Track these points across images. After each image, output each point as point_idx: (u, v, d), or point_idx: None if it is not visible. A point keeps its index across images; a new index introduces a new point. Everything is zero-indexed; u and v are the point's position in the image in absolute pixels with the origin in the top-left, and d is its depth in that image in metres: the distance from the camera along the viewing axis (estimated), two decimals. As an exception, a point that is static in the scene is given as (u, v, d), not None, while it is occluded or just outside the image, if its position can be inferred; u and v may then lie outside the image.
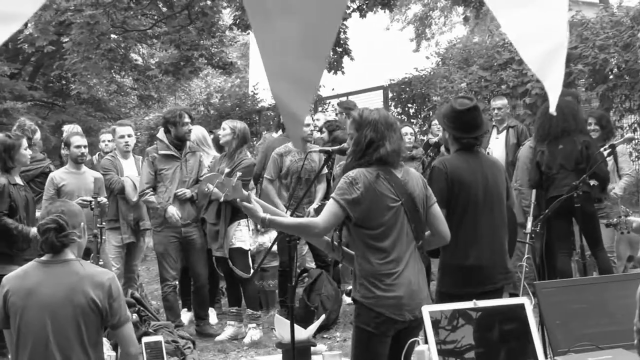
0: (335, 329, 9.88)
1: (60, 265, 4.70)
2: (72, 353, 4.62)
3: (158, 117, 23.22)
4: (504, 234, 6.12)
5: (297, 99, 1.90)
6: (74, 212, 4.83)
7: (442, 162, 6.16)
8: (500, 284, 6.03)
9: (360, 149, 5.20)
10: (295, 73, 1.87)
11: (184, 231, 9.72)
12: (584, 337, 4.10)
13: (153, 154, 9.77)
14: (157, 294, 11.88)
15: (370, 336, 5.10)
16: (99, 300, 4.62)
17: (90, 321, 4.63)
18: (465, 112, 6.01)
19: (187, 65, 20.51)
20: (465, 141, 6.05)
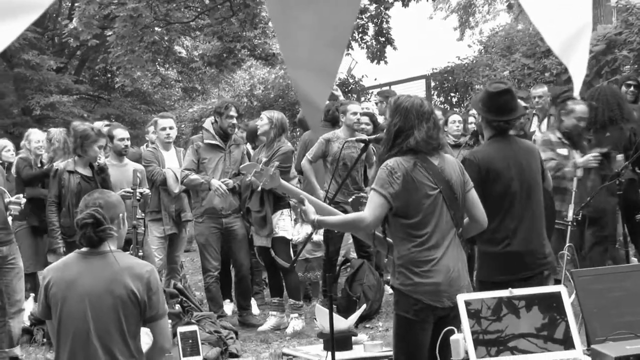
0: (377, 319, 9.87)
1: (100, 257, 4.73)
2: (112, 343, 4.65)
3: (202, 109, 23.33)
4: (541, 220, 6.08)
5: (315, 87, 1.89)
6: (112, 203, 4.86)
7: (473, 153, 6.15)
8: (538, 270, 6.00)
9: (389, 137, 5.20)
10: (314, 61, 1.87)
11: (225, 222, 9.76)
12: (621, 325, 4.06)
13: (198, 143, 9.83)
14: (201, 285, 11.93)
15: (410, 323, 5.09)
16: (138, 292, 4.65)
17: (130, 312, 4.66)
18: (498, 94, 5.99)
19: (229, 57, 20.57)
20: (496, 124, 6.03)
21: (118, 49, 18.67)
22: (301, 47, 1.85)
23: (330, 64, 1.90)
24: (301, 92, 1.89)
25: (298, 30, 1.85)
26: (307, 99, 1.89)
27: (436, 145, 5.19)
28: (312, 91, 1.89)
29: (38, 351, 8.87)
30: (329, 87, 1.93)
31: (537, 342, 4.01)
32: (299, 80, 1.89)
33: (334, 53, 1.89)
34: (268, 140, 9.62)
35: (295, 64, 1.88)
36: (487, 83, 6.27)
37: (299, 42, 1.86)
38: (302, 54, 1.86)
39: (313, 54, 1.86)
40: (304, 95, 1.89)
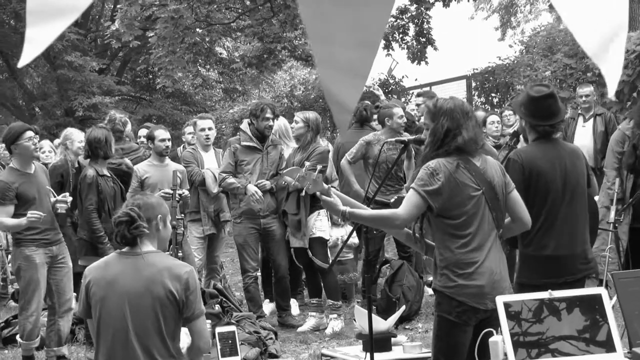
0: (417, 320, 9.85)
1: (140, 257, 4.76)
2: (150, 343, 4.68)
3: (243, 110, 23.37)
4: (584, 223, 6.02)
5: (345, 88, 1.87)
6: (151, 204, 4.88)
7: (517, 153, 6.10)
8: (580, 274, 5.93)
9: (438, 138, 5.16)
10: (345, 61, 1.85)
11: (263, 222, 9.79)
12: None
13: (235, 145, 9.87)
14: (241, 285, 11.97)
15: (452, 325, 5.07)
16: (177, 292, 4.67)
17: (169, 312, 4.69)
18: (541, 99, 5.93)
19: (270, 58, 20.63)
20: (541, 129, 5.97)
21: (159, 50, 18.78)
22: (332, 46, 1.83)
23: (362, 65, 1.87)
24: (330, 93, 1.87)
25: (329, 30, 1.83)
26: (337, 100, 1.87)
27: (480, 146, 5.18)
28: (342, 93, 1.87)
29: (80, 350, 8.93)
30: (359, 89, 1.91)
31: (578, 344, 3.97)
32: (329, 81, 1.87)
33: (366, 54, 1.87)
34: (304, 142, 9.63)
35: (325, 63, 1.86)
36: (529, 86, 6.21)
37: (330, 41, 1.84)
38: (333, 54, 1.84)
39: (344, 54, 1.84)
40: (333, 96, 1.87)
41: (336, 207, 5.25)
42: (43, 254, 8.20)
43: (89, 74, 23.99)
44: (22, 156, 8.20)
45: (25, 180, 8.16)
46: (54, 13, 1.75)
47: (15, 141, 8.15)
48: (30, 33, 1.77)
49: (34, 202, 8.08)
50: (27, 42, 1.77)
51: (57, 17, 1.76)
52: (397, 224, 5.15)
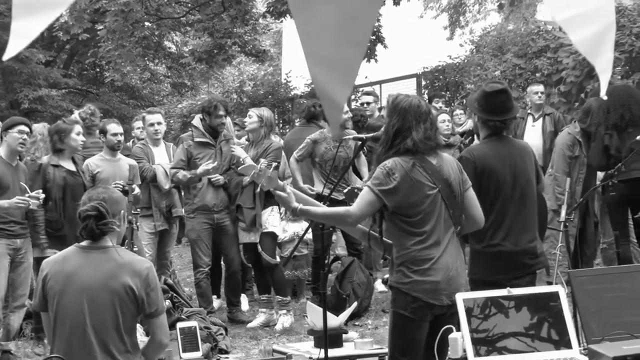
0: (366, 317, 9.91)
1: (100, 252, 4.73)
2: (108, 338, 4.65)
3: (191, 105, 23.29)
4: (534, 220, 6.11)
5: (336, 85, 1.89)
6: (115, 199, 4.86)
7: (469, 151, 6.18)
8: (530, 269, 6.03)
9: (389, 138, 5.21)
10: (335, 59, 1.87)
11: (216, 217, 9.77)
12: (618, 326, 4.08)
13: (188, 141, 9.83)
14: (190, 281, 11.94)
15: (407, 321, 5.12)
16: (137, 288, 4.65)
17: (127, 308, 4.66)
18: (494, 94, 6.01)
19: (220, 53, 20.53)
20: (492, 124, 6.05)
21: (108, 43, 18.61)
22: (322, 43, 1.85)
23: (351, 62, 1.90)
24: (321, 89, 1.89)
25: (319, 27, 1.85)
26: (327, 96, 1.89)
27: (434, 145, 5.21)
28: (332, 89, 1.89)
29: (27, 345, 8.85)
30: (349, 85, 1.93)
31: (535, 341, 4.03)
32: (319, 78, 1.89)
33: (355, 51, 1.89)
34: (257, 139, 9.62)
35: (315, 60, 1.88)
36: (484, 83, 6.28)
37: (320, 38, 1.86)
38: (323, 51, 1.86)
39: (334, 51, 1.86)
40: (324, 93, 1.89)
41: (289, 204, 5.27)
42: (5, 245, 8.19)
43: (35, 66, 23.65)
44: (9, 147, 8.35)
45: (5, 169, 8.26)
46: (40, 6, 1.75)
47: (8, 130, 8.32)
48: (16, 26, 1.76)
49: (7, 191, 8.13)
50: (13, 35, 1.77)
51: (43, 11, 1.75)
52: (349, 221, 5.20)
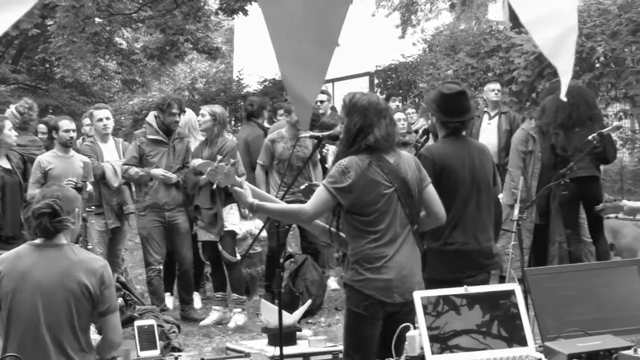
0: (319, 315, 9.92)
1: (54, 250, 4.68)
2: (62, 337, 4.61)
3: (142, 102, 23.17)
4: (490, 219, 6.15)
5: (305, 83, 1.90)
6: (69, 197, 4.81)
7: (428, 149, 6.19)
8: (485, 269, 6.07)
9: (351, 136, 5.21)
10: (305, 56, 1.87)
11: (168, 215, 9.72)
12: (573, 323, 4.12)
13: (141, 138, 9.77)
14: (141, 279, 11.87)
15: (360, 318, 5.14)
16: (92, 286, 4.61)
17: (82, 306, 4.62)
18: (453, 96, 6.03)
19: (172, 50, 20.46)
20: (451, 125, 6.07)
21: (59, 39, 18.44)
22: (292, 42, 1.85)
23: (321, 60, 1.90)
24: (291, 87, 1.90)
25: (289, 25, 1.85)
26: (297, 95, 1.90)
27: (393, 142, 5.23)
28: (302, 87, 1.89)
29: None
30: (319, 83, 1.94)
31: (492, 339, 4.05)
32: (289, 76, 1.90)
33: (325, 50, 1.90)
34: (211, 136, 9.58)
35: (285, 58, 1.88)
36: (441, 84, 6.31)
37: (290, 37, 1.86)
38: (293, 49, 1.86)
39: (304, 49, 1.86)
40: (293, 90, 1.90)
41: (245, 199, 5.26)
42: None
43: (-17, 62, 23.45)
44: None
45: None
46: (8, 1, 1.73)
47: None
48: None
49: None
50: None
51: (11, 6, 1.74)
52: (304, 218, 5.22)
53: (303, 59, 1.87)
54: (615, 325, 4.19)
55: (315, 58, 1.90)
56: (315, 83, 1.92)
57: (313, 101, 1.96)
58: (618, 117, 13.63)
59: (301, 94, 1.89)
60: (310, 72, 1.89)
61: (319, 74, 1.92)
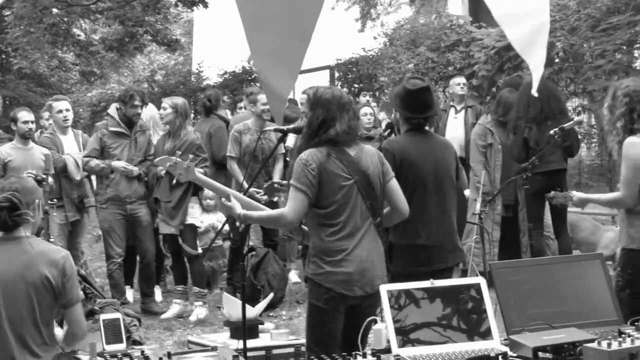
0: (281, 308, 9.92)
1: (14, 243, 4.62)
2: (24, 330, 4.56)
3: (101, 94, 23.01)
4: (453, 213, 6.16)
5: (279, 78, 1.90)
6: (29, 189, 4.75)
7: (389, 142, 6.18)
8: (449, 263, 6.09)
9: (312, 130, 5.21)
10: (279, 51, 1.88)
11: (129, 208, 9.66)
12: (537, 317, 4.16)
13: (103, 130, 9.70)
14: (100, 272, 11.80)
15: (321, 312, 5.15)
16: (53, 278, 4.56)
17: (44, 299, 4.58)
18: (417, 92, 6.02)
19: (131, 42, 20.32)
20: (415, 121, 6.07)
21: (16, 29, 18.26)
22: (267, 37, 1.85)
23: (295, 55, 1.90)
24: (265, 81, 1.90)
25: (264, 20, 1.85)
26: (271, 88, 1.90)
27: (355, 136, 5.23)
28: (276, 81, 1.89)
29: None
30: (293, 78, 1.94)
31: (457, 332, 4.08)
32: (264, 70, 1.90)
33: (299, 45, 1.90)
34: (173, 129, 9.53)
35: (259, 52, 1.88)
36: (405, 79, 6.31)
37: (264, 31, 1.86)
38: (267, 44, 1.86)
39: (278, 44, 1.86)
40: (268, 84, 1.90)
41: (234, 211, 5.33)
42: None
43: (-62, 52, 23.15)
44: None
45: None
46: None
47: None
48: None
49: None
50: None
51: None
52: (285, 222, 5.24)
53: (278, 53, 1.88)
54: (579, 318, 4.24)
55: (290, 52, 1.90)
56: (289, 77, 1.92)
57: (287, 95, 1.96)
58: (577, 112, 13.78)
59: (275, 88, 1.89)
60: (284, 67, 1.90)
61: (293, 68, 1.93)
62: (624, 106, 5.82)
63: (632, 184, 5.77)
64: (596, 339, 3.75)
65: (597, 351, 3.57)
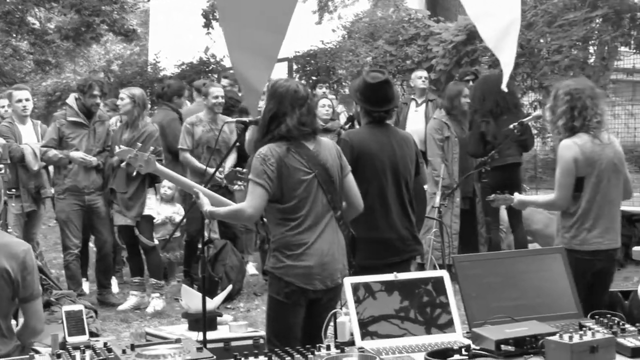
0: (238, 300, 9.93)
1: None
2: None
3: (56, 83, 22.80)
4: (411, 207, 6.19)
5: (255, 71, 1.90)
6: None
7: (348, 134, 6.21)
8: (407, 255, 6.14)
9: (264, 123, 5.20)
10: (255, 44, 1.88)
11: (87, 199, 9.60)
12: (499, 310, 4.19)
13: (61, 120, 9.62)
14: (55, 263, 11.74)
15: (282, 305, 5.15)
16: (12, 270, 4.51)
17: (2, 292, 4.52)
18: (377, 85, 6.03)
19: (88, 31, 20.14)
20: (375, 114, 6.09)
21: (-30, 18, 18.06)
22: (243, 30, 1.85)
23: (271, 48, 1.91)
24: (240, 74, 1.89)
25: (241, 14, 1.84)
26: (246, 81, 1.89)
27: (309, 131, 5.21)
28: (251, 74, 1.89)
29: None
30: (268, 70, 1.94)
31: (421, 325, 4.10)
32: (239, 63, 1.90)
33: (275, 38, 1.90)
34: (131, 119, 9.47)
35: (236, 45, 1.88)
36: (365, 72, 6.32)
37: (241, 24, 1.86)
38: (244, 37, 1.86)
39: (254, 37, 1.86)
40: (243, 77, 1.90)
41: (202, 208, 5.39)
42: None
43: None
44: None
45: None
46: None
47: None
48: None
49: None
50: None
51: None
52: (245, 217, 5.22)
53: (254, 46, 1.88)
54: (540, 311, 4.28)
55: (266, 45, 1.90)
56: (265, 70, 1.92)
57: (262, 88, 1.96)
58: (533, 106, 13.88)
59: (251, 81, 1.90)
60: (260, 60, 1.90)
61: (269, 61, 1.93)
62: (565, 104, 5.93)
63: (564, 187, 5.93)
64: (558, 332, 3.79)
65: (559, 344, 3.60)
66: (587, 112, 5.88)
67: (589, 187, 5.92)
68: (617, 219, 6.12)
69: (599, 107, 5.94)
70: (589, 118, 5.89)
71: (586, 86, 6.00)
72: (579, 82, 6.06)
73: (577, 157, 5.87)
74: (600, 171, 5.92)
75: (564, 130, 5.95)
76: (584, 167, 5.89)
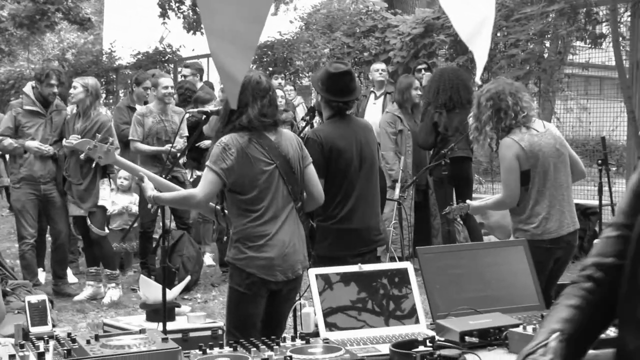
0: (196, 291, 9.91)
1: None
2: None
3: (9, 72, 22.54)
4: (377, 197, 6.24)
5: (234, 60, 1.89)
6: None
7: (315, 132, 6.20)
8: (373, 245, 6.17)
9: (225, 113, 5.20)
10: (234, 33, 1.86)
11: (43, 188, 9.52)
12: (463, 301, 4.22)
13: (17, 109, 9.52)
14: (9, 252, 11.63)
15: (242, 297, 5.15)
16: None
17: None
18: (339, 75, 6.06)
19: (42, 19, 19.92)
20: (336, 105, 6.11)
21: None
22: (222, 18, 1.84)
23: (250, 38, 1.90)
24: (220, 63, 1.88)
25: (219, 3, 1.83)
26: (226, 70, 1.88)
27: (271, 122, 5.21)
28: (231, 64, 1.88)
29: None
30: (248, 60, 1.93)
31: (385, 316, 4.11)
32: (219, 52, 1.88)
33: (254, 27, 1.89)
34: (83, 108, 9.40)
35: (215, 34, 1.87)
36: (328, 63, 6.35)
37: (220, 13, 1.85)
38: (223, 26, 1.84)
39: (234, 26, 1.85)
40: (223, 67, 1.89)
41: (146, 193, 5.36)
42: None
43: None
44: None
45: None
46: None
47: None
48: None
49: None
50: None
51: None
52: (194, 202, 5.23)
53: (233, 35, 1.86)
54: (503, 303, 4.31)
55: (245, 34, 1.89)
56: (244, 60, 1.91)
57: (242, 78, 1.94)
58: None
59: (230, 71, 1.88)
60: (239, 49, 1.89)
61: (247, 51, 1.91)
62: (489, 109, 6.02)
63: (510, 185, 6.03)
64: (521, 323, 3.83)
65: (522, 335, 3.64)
66: (512, 110, 5.98)
67: (537, 177, 6.01)
68: (571, 201, 6.21)
69: (523, 101, 6.05)
70: (515, 115, 5.99)
71: (505, 85, 6.10)
72: (497, 84, 6.14)
73: (519, 153, 5.96)
74: (545, 160, 6.01)
75: (494, 133, 6.04)
76: (527, 160, 5.98)
